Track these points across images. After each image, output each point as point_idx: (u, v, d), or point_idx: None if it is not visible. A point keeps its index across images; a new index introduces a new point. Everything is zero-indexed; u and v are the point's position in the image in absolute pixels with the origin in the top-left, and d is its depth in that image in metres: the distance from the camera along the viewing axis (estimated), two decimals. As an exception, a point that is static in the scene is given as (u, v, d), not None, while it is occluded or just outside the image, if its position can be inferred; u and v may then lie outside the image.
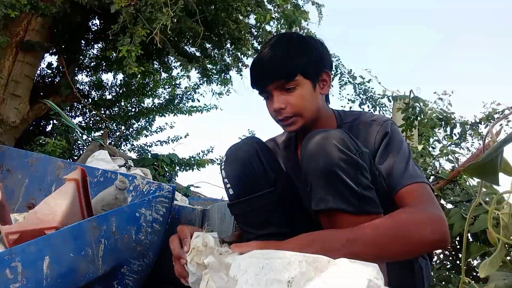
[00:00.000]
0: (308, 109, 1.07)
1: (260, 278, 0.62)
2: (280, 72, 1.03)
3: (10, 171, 1.73)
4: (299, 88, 1.05)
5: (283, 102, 1.05)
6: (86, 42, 4.00)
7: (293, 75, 1.04)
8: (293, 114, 1.06)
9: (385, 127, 1.06)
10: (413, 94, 2.70)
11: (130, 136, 4.97)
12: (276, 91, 1.06)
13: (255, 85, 1.10)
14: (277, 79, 1.04)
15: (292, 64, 1.04)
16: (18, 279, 0.73)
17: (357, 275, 0.60)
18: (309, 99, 1.07)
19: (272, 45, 1.08)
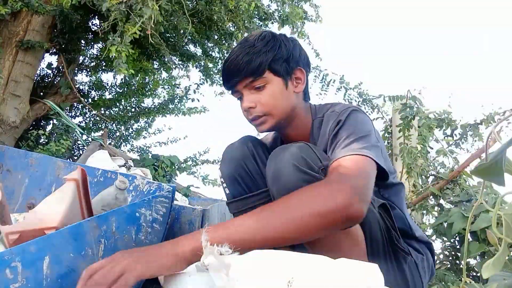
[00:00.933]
0: (279, 108, 1.03)
1: (260, 278, 0.62)
2: (247, 70, 1.01)
3: (10, 171, 1.72)
4: (269, 86, 1.02)
5: (252, 100, 1.03)
6: (86, 42, 4.00)
7: (260, 71, 1.01)
8: (263, 114, 1.03)
9: (340, 116, 0.99)
10: (410, 94, 2.70)
11: (130, 137, 4.97)
12: (245, 90, 1.04)
13: (225, 84, 1.08)
14: (245, 76, 1.01)
15: (258, 60, 1.00)
16: (18, 279, 0.73)
17: (356, 275, 0.60)
18: (280, 98, 1.03)
19: (241, 44, 1.06)
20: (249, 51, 1.01)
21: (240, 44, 1.06)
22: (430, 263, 1.07)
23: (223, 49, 4.18)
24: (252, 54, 1.01)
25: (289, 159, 0.88)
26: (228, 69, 1.04)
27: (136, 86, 4.81)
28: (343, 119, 0.97)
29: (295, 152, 0.89)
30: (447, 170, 2.73)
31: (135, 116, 4.84)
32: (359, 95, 3.38)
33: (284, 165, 0.88)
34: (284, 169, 0.88)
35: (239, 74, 1.02)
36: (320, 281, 0.61)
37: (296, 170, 0.86)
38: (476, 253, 1.96)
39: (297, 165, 0.86)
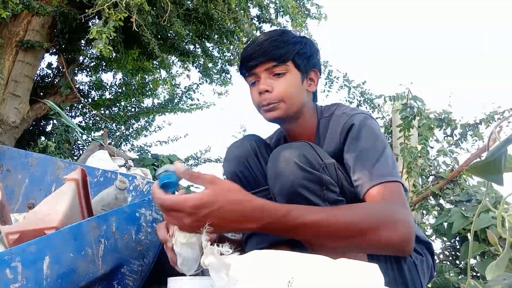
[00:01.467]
0: (292, 98, 1.04)
1: (260, 278, 0.62)
2: (273, 54, 1.02)
3: (10, 171, 1.72)
4: (288, 75, 1.04)
5: (270, 85, 1.03)
6: (86, 42, 4.00)
7: (284, 59, 1.03)
8: (277, 100, 1.03)
9: (352, 119, 1.00)
10: (411, 94, 2.70)
11: (130, 136, 4.97)
12: (264, 73, 1.04)
13: (244, 66, 1.08)
14: (269, 59, 1.03)
15: (285, 48, 1.03)
16: (18, 279, 0.73)
17: (356, 275, 0.60)
18: (295, 89, 1.05)
19: (267, 33, 1.09)
20: (277, 39, 1.04)
21: (266, 34, 1.09)
22: (429, 264, 1.07)
23: (223, 48, 4.18)
24: (280, 42, 1.04)
25: (290, 157, 0.88)
26: (252, 50, 1.05)
27: (136, 86, 4.81)
28: (357, 124, 0.98)
29: (296, 150, 0.89)
30: (446, 170, 2.74)
31: (135, 115, 4.84)
32: (361, 94, 3.38)
33: (285, 163, 0.88)
34: (285, 167, 0.88)
35: (263, 56, 1.03)
36: (320, 281, 0.61)
37: (298, 168, 0.86)
38: (476, 253, 1.97)
39: (299, 163, 0.87)
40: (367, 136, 0.97)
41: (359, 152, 0.95)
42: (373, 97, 3.35)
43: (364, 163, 0.92)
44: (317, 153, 0.91)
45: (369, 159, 0.92)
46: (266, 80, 1.04)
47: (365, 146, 0.95)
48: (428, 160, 2.81)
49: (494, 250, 1.88)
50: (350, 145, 0.97)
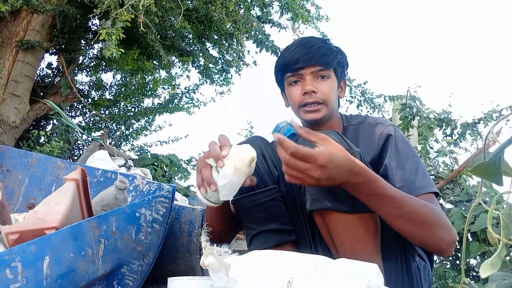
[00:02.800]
0: (332, 102, 1.13)
1: (259, 278, 0.63)
2: (321, 59, 1.10)
3: (10, 171, 1.73)
4: (331, 79, 1.13)
5: (315, 86, 1.11)
6: (86, 42, 4.00)
7: (330, 65, 1.12)
8: (322, 101, 1.11)
9: (389, 129, 1.08)
10: (410, 94, 2.71)
11: (130, 136, 4.97)
12: (310, 75, 1.11)
13: (290, 66, 1.13)
14: (317, 63, 1.10)
15: (331, 56, 1.12)
16: (18, 279, 0.73)
17: (357, 275, 0.60)
18: (334, 94, 1.14)
19: (309, 38, 1.16)
20: (324, 46, 1.13)
21: (308, 39, 1.16)
22: (430, 274, 1.08)
23: (222, 50, 4.18)
24: (327, 49, 1.12)
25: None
26: (300, 53, 1.11)
27: (136, 86, 4.81)
28: (393, 134, 1.07)
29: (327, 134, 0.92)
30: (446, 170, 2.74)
31: (135, 115, 4.84)
32: (361, 94, 3.38)
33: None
34: None
35: (312, 60, 1.10)
36: (320, 281, 0.61)
37: None
38: (476, 253, 1.96)
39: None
40: (405, 148, 1.06)
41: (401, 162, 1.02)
42: (373, 97, 3.35)
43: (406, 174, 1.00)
44: (345, 141, 0.95)
45: (411, 171, 1.01)
46: (312, 81, 1.11)
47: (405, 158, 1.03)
48: (428, 160, 2.81)
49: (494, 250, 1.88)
50: (391, 154, 1.04)
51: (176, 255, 1.41)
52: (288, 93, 1.17)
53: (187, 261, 1.43)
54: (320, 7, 3.74)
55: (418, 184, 0.98)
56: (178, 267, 1.43)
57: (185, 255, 1.42)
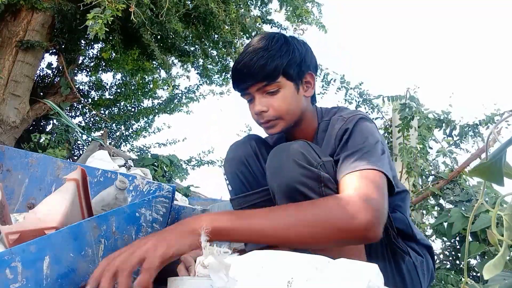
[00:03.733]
0: (290, 113, 1.04)
1: (259, 278, 0.62)
2: (261, 74, 1.00)
3: (10, 171, 1.72)
4: (282, 91, 1.02)
5: (265, 104, 1.03)
6: (86, 42, 4.00)
7: (275, 76, 1.00)
8: (275, 118, 1.03)
9: (348, 123, 0.98)
10: (409, 94, 2.71)
11: (129, 137, 4.98)
12: (257, 94, 1.03)
13: (236, 87, 1.07)
14: (258, 81, 1.01)
15: (273, 65, 1.00)
16: (18, 279, 0.73)
17: (357, 275, 0.60)
18: (291, 102, 1.03)
19: (253, 46, 1.04)
20: (263, 55, 1.00)
21: (252, 47, 1.04)
22: (430, 267, 1.07)
23: (222, 54, 4.18)
24: (267, 58, 1.00)
25: (289, 155, 0.89)
26: (240, 72, 1.03)
27: (136, 86, 4.81)
28: (351, 127, 0.96)
29: (295, 148, 0.90)
30: (446, 170, 2.74)
31: (135, 116, 4.84)
32: (359, 95, 3.39)
33: (284, 160, 0.89)
34: (284, 164, 0.89)
35: (252, 78, 1.01)
36: (320, 281, 0.61)
37: (296, 165, 0.87)
38: (476, 253, 1.97)
39: (297, 160, 0.87)
40: (357, 135, 0.95)
41: (347, 149, 0.93)
42: (371, 97, 3.35)
43: (349, 158, 0.90)
44: (315, 151, 0.91)
45: (355, 153, 0.90)
46: (261, 100, 1.03)
47: (353, 143, 0.93)
48: (428, 160, 2.81)
49: (494, 250, 1.88)
50: (342, 146, 0.96)
51: (176, 255, 1.41)
52: (249, 110, 1.10)
53: (187, 261, 1.43)
54: (322, 4, 3.73)
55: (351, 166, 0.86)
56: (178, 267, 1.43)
57: (185, 255, 1.42)
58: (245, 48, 1.08)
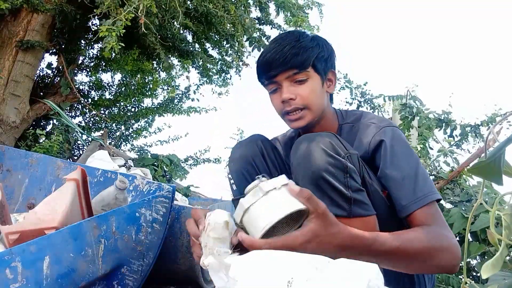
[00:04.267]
0: (316, 104, 1.06)
1: (259, 278, 0.62)
2: (293, 62, 1.03)
3: (10, 171, 1.72)
4: (310, 81, 1.05)
5: (293, 92, 1.04)
6: (86, 42, 4.00)
7: (305, 65, 1.03)
8: (303, 106, 1.05)
9: (382, 133, 1.02)
10: (410, 94, 2.71)
11: (129, 137, 4.98)
12: (286, 82, 1.05)
13: (264, 74, 1.08)
14: (289, 68, 1.03)
15: (305, 54, 1.03)
16: (18, 279, 0.73)
17: (357, 275, 0.60)
18: (318, 94, 1.06)
19: (283, 38, 1.08)
20: (295, 45, 1.04)
21: (281, 38, 1.07)
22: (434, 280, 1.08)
23: (222, 52, 4.18)
24: (299, 48, 1.03)
25: (317, 143, 0.89)
26: (271, 59, 1.05)
27: (136, 86, 4.81)
28: (388, 140, 1.00)
29: (323, 137, 0.91)
30: (446, 170, 2.74)
31: (135, 116, 4.84)
32: (361, 95, 3.39)
33: (312, 148, 0.89)
34: (312, 152, 0.89)
35: (284, 65, 1.03)
36: (320, 281, 0.61)
37: (324, 153, 0.87)
38: (476, 253, 1.96)
39: (325, 149, 0.88)
40: (401, 151, 0.99)
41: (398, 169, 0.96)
42: (373, 97, 3.35)
43: (404, 182, 0.95)
44: (342, 143, 0.92)
45: (409, 176, 0.95)
46: (289, 87, 1.05)
47: (402, 164, 0.97)
48: (429, 160, 2.81)
49: (494, 250, 1.88)
50: (386, 161, 0.98)
51: (176, 255, 1.41)
52: (271, 101, 1.12)
53: (187, 261, 1.43)
54: (322, 4, 3.73)
55: (418, 194, 0.93)
56: (178, 267, 1.43)
57: (185, 255, 1.42)
58: (272, 40, 1.11)
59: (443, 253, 0.86)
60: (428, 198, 0.92)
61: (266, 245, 0.72)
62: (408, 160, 0.98)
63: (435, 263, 0.85)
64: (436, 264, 0.86)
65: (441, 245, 0.86)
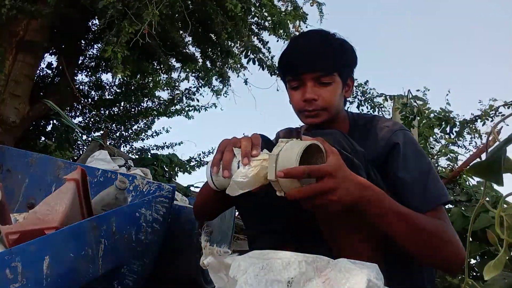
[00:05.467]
0: (334, 107, 1.09)
1: (259, 278, 0.62)
2: (322, 64, 1.05)
3: (10, 171, 1.72)
4: (333, 85, 1.07)
5: (316, 93, 1.06)
6: (86, 42, 4.00)
7: (332, 70, 1.05)
8: (322, 108, 1.07)
9: (396, 136, 1.04)
10: (411, 94, 2.71)
11: (129, 138, 4.97)
12: (311, 82, 1.06)
13: (290, 71, 1.10)
14: (317, 70, 1.05)
15: (334, 60, 1.06)
16: (18, 279, 0.73)
17: (357, 275, 0.60)
18: (337, 98, 1.09)
19: (313, 36, 1.10)
20: (326, 47, 1.06)
21: (311, 37, 1.10)
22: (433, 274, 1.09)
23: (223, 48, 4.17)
24: (329, 52, 1.06)
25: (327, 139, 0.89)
26: (300, 58, 1.07)
27: (136, 87, 4.80)
28: (402, 142, 1.02)
29: (332, 133, 0.93)
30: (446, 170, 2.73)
31: (135, 116, 4.83)
32: (362, 94, 3.39)
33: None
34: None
35: (313, 65, 1.05)
36: (320, 281, 0.61)
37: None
38: (476, 253, 1.96)
39: (333, 144, 0.88)
40: (413, 155, 1.01)
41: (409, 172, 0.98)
42: (374, 96, 3.35)
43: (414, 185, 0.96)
44: (349, 140, 0.94)
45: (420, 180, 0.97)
46: (313, 88, 1.06)
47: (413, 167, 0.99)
48: (429, 159, 2.81)
49: (494, 250, 1.88)
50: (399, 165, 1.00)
51: (176, 255, 1.41)
52: (290, 96, 1.13)
53: (187, 261, 1.43)
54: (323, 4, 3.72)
55: (429, 196, 0.95)
56: (178, 267, 1.43)
57: (185, 255, 1.42)
58: (300, 36, 1.13)
59: (452, 247, 0.87)
60: (439, 200, 0.95)
61: (307, 169, 0.74)
62: (420, 163, 1.00)
63: (441, 252, 0.86)
64: (443, 257, 0.87)
65: (450, 239, 0.88)
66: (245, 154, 0.83)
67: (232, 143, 0.88)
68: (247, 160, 0.82)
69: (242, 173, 0.82)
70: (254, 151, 0.84)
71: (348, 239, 0.91)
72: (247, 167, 0.82)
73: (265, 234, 1.04)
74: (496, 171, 0.40)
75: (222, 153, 0.87)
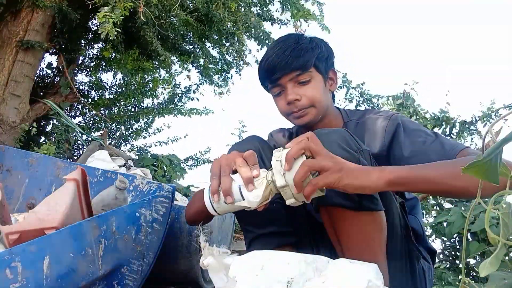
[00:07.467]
0: (321, 101, 1.09)
1: (259, 279, 0.63)
2: (295, 64, 1.06)
3: (10, 171, 1.72)
4: (313, 81, 1.09)
5: (298, 93, 1.08)
6: (86, 42, 4.00)
7: (308, 66, 1.07)
8: (308, 105, 1.08)
9: (394, 120, 1.06)
10: (406, 94, 2.71)
11: (129, 137, 4.97)
12: (289, 83, 1.08)
13: (267, 78, 1.11)
14: (292, 70, 1.06)
15: (306, 56, 1.07)
16: (18, 279, 0.73)
17: (356, 275, 0.61)
18: (321, 93, 1.10)
19: (283, 41, 1.11)
20: (295, 47, 1.08)
21: (281, 42, 1.11)
22: (432, 273, 1.09)
23: (223, 51, 4.17)
24: (299, 51, 1.07)
25: (331, 138, 0.91)
26: (274, 63, 1.08)
27: (136, 86, 4.80)
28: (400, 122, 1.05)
29: (337, 132, 0.94)
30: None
31: (135, 116, 4.83)
32: (360, 95, 3.40)
33: (326, 142, 0.90)
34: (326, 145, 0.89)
35: (286, 68, 1.07)
36: (320, 281, 0.61)
37: (339, 147, 0.89)
38: (476, 253, 1.97)
39: (339, 143, 0.90)
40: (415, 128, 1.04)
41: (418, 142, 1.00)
42: (372, 96, 3.37)
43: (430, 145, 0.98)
44: (354, 139, 0.94)
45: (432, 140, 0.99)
46: (293, 89, 1.08)
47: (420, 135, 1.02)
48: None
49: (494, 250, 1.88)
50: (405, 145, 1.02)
51: (176, 255, 1.41)
52: (276, 104, 1.15)
53: (187, 261, 1.43)
54: (323, 4, 3.73)
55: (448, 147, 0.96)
56: (178, 267, 1.43)
57: (185, 255, 1.42)
58: (272, 45, 1.14)
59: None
60: (457, 147, 0.95)
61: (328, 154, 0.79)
62: (426, 131, 1.03)
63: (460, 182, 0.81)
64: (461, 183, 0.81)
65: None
66: (248, 181, 0.84)
67: (229, 165, 0.87)
68: (252, 186, 0.83)
69: (253, 195, 0.83)
70: (255, 172, 0.85)
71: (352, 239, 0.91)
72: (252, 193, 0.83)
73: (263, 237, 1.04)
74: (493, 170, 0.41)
75: (218, 178, 0.86)
